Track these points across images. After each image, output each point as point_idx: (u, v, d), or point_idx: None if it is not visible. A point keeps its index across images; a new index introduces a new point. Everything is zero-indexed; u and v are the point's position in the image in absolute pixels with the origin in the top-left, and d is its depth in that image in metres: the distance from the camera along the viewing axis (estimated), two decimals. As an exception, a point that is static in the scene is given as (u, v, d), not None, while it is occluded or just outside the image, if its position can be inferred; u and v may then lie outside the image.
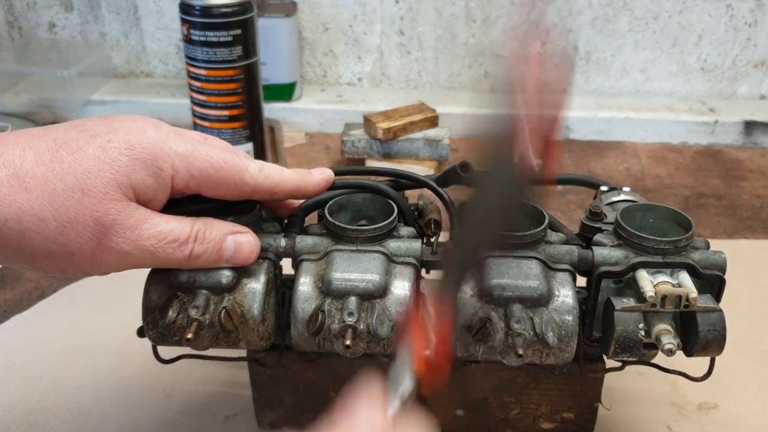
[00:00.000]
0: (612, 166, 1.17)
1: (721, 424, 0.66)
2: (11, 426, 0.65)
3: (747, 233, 0.99)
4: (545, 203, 0.54)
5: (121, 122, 0.46)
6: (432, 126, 1.14)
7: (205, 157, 0.46)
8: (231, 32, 0.93)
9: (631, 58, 1.30)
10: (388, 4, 1.28)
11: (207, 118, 0.98)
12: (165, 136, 0.46)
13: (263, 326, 0.50)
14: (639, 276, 0.50)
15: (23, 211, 0.42)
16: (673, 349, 0.48)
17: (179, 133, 0.47)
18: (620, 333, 0.49)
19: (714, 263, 0.51)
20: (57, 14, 1.33)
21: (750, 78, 1.31)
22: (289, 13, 1.22)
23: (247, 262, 0.50)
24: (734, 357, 0.73)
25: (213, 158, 0.47)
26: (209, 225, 0.48)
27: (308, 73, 1.35)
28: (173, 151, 0.45)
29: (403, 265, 0.52)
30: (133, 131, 0.45)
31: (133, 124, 0.46)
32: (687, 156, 1.21)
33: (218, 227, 0.48)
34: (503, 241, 0.51)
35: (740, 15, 1.26)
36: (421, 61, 1.33)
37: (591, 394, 0.59)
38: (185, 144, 0.46)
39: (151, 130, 0.45)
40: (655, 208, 0.55)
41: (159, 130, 0.46)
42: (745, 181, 1.13)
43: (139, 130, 0.45)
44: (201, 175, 0.46)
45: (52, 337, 0.76)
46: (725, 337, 0.49)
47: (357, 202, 0.57)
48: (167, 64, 1.36)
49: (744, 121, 1.24)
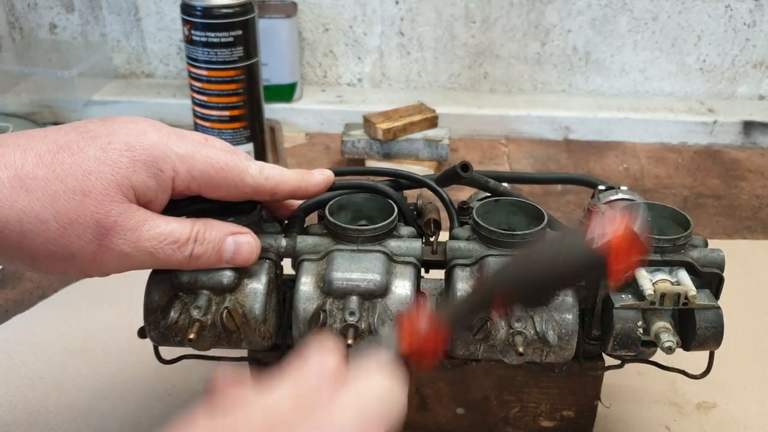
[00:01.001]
0: (611, 167, 1.17)
1: (720, 424, 0.66)
2: (12, 426, 0.65)
3: (746, 233, 0.99)
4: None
5: (122, 124, 0.46)
6: (432, 126, 1.14)
7: (205, 158, 0.47)
8: (232, 33, 0.93)
9: (630, 59, 1.30)
10: (388, 5, 1.28)
11: (208, 118, 0.98)
12: (166, 137, 0.46)
13: (265, 326, 0.51)
14: (638, 274, 0.50)
15: (24, 212, 0.42)
16: (672, 347, 0.48)
17: (180, 135, 0.47)
18: (619, 330, 0.49)
19: (712, 261, 0.52)
20: (58, 15, 1.33)
21: (749, 78, 1.31)
22: (290, 14, 1.22)
23: (248, 263, 0.50)
24: (733, 356, 0.73)
25: (214, 159, 0.47)
26: (209, 226, 0.48)
27: (308, 73, 1.35)
28: (174, 153, 0.46)
29: (403, 264, 0.52)
30: (133, 133, 0.45)
31: (133, 125, 0.46)
32: (686, 156, 1.22)
33: (218, 228, 0.49)
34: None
35: (739, 15, 1.26)
36: (420, 62, 1.33)
37: (590, 392, 0.59)
38: (186, 145, 0.46)
39: (151, 132, 0.46)
40: (654, 206, 0.56)
41: (159, 132, 0.46)
42: (744, 181, 1.14)
43: (139, 132, 0.45)
44: (202, 176, 0.47)
45: (53, 337, 0.76)
46: (723, 333, 0.49)
47: (357, 202, 0.57)
48: (168, 64, 1.36)
49: (743, 122, 1.24)
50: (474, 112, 1.27)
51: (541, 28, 1.28)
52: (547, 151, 1.23)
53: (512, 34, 1.29)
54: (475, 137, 1.27)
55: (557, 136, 1.27)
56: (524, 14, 1.27)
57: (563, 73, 1.32)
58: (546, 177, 0.92)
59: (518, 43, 1.30)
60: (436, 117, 1.14)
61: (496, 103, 1.30)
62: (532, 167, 1.17)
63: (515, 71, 1.33)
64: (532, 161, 1.19)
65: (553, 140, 1.26)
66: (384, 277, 0.50)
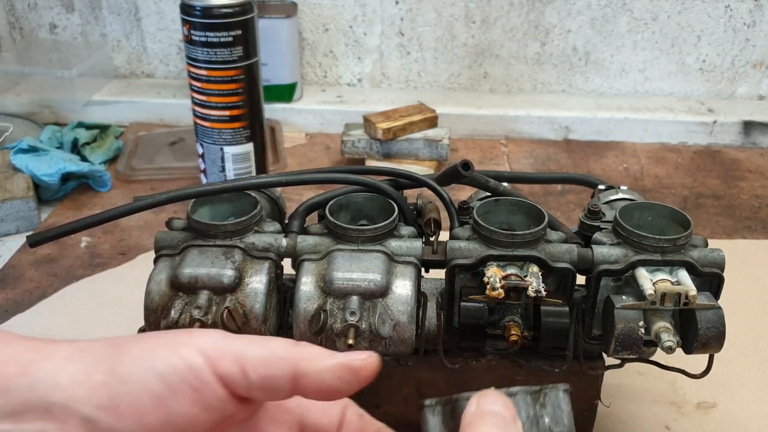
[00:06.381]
0: (611, 167, 1.17)
1: (720, 423, 0.66)
2: (13, 425, 0.65)
3: (746, 233, 0.99)
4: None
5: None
6: (431, 126, 1.14)
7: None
8: (231, 33, 0.93)
9: (630, 59, 1.30)
10: (388, 5, 1.28)
11: (208, 118, 0.98)
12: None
13: (265, 326, 0.51)
14: (638, 274, 0.50)
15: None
16: (673, 347, 0.48)
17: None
18: (620, 331, 0.49)
19: (713, 261, 0.52)
20: (58, 15, 1.33)
21: (749, 78, 1.32)
22: (290, 14, 1.22)
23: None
24: (733, 356, 0.73)
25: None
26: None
27: (308, 73, 1.35)
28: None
29: (404, 264, 0.52)
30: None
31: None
32: (686, 156, 1.22)
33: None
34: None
35: (739, 16, 1.26)
36: (420, 62, 1.33)
37: (590, 391, 0.59)
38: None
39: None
40: (654, 206, 0.56)
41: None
42: (744, 181, 1.14)
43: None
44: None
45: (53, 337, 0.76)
46: (724, 333, 0.49)
47: (357, 202, 0.57)
48: (168, 64, 1.36)
49: (743, 122, 1.25)
50: (474, 112, 1.27)
51: (540, 28, 1.28)
52: (546, 151, 1.23)
53: (512, 34, 1.29)
54: (475, 137, 1.27)
55: (557, 136, 1.27)
56: (524, 14, 1.27)
57: (563, 73, 1.32)
58: (546, 177, 0.92)
59: (518, 43, 1.30)
60: (436, 117, 1.14)
61: (496, 103, 1.30)
62: (532, 167, 1.17)
63: (515, 71, 1.33)
64: (531, 161, 1.19)
65: (552, 140, 1.26)
66: (384, 277, 0.50)
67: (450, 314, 0.54)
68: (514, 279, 0.50)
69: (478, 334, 0.51)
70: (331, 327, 0.49)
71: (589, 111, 1.27)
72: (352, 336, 0.48)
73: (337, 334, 0.49)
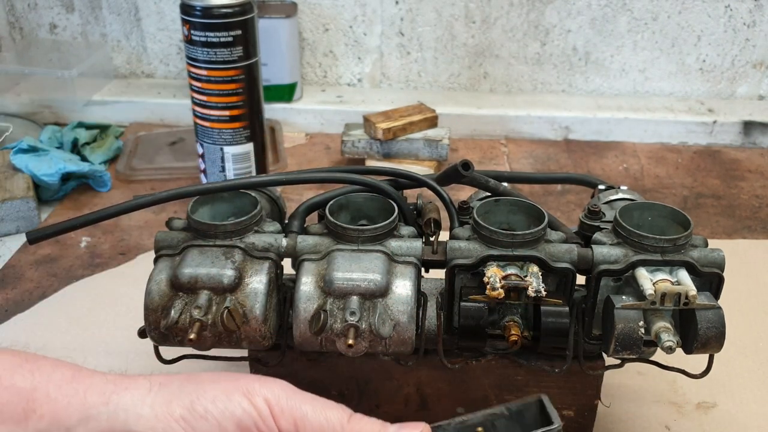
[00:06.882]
0: (611, 167, 1.17)
1: (720, 423, 0.66)
2: (13, 425, 0.65)
3: (746, 233, 0.99)
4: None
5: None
6: (431, 126, 1.14)
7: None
8: (231, 33, 0.93)
9: (630, 59, 1.30)
10: (388, 5, 1.28)
11: (208, 118, 0.98)
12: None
13: (265, 326, 0.51)
14: (638, 274, 0.50)
15: None
16: (673, 347, 0.48)
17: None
18: (621, 331, 0.49)
19: (713, 261, 0.52)
20: (58, 15, 1.33)
21: (749, 78, 1.32)
22: (290, 14, 1.22)
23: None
24: (733, 356, 0.73)
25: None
26: None
27: (308, 73, 1.35)
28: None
29: (404, 264, 0.52)
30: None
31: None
32: (686, 156, 1.22)
33: None
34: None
35: (739, 16, 1.26)
36: (420, 62, 1.33)
37: (590, 391, 0.59)
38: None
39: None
40: (654, 206, 0.56)
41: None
42: (744, 181, 1.14)
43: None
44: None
45: (53, 336, 0.76)
46: (724, 333, 0.49)
47: (357, 202, 0.57)
48: (168, 64, 1.36)
49: (743, 122, 1.25)
50: (474, 112, 1.27)
51: (541, 28, 1.28)
52: (546, 151, 1.23)
53: (512, 34, 1.29)
54: (475, 137, 1.27)
55: (557, 136, 1.27)
56: (524, 14, 1.27)
57: (563, 73, 1.32)
58: (546, 177, 0.92)
59: (518, 43, 1.30)
60: (436, 117, 1.14)
61: (496, 103, 1.30)
62: (532, 167, 1.17)
63: (515, 71, 1.33)
64: (531, 161, 1.19)
65: (552, 140, 1.26)
66: (384, 277, 0.50)
67: (450, 314, 0.54)
68: (514, 279, 0.50)
69: (478, 334, 0.51)
70: (331, 327, 0.49)
71: (589, 111, 1.27)
72: (352, 336, 0.48)
73: (337, 334, 0.49)
